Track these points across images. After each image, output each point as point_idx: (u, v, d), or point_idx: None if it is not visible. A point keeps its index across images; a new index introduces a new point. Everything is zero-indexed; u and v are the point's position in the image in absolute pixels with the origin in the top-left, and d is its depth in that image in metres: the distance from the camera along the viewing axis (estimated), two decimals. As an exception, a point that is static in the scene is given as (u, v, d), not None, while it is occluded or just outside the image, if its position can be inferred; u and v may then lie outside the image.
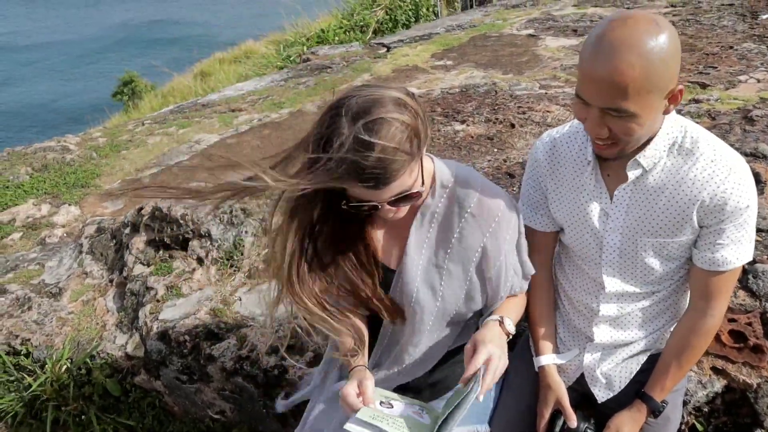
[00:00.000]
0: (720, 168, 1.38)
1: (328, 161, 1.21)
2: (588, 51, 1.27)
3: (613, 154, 1.40)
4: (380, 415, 1.41)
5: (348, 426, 1.35)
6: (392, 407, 1.49)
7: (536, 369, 1.71)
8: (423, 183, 1.40)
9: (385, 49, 7.34)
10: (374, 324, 1.68)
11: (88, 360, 2.90)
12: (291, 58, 9.27)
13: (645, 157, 1.42)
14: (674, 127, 1.42)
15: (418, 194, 1.38)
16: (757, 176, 2.72)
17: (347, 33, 10.15)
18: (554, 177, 1.61)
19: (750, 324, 1.99)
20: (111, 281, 3.29)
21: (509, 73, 5.47)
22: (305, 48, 9.43)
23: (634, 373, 1.65)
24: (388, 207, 1.35)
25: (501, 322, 1.51)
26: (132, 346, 2.86)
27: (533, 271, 1.64)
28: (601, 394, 1.66)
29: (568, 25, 6.90)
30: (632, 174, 1.45)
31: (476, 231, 1.50)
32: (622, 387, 1.66)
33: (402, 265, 1.53)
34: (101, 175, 4.61)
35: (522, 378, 1.74)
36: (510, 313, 1.58)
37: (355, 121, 1.22)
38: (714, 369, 1.93)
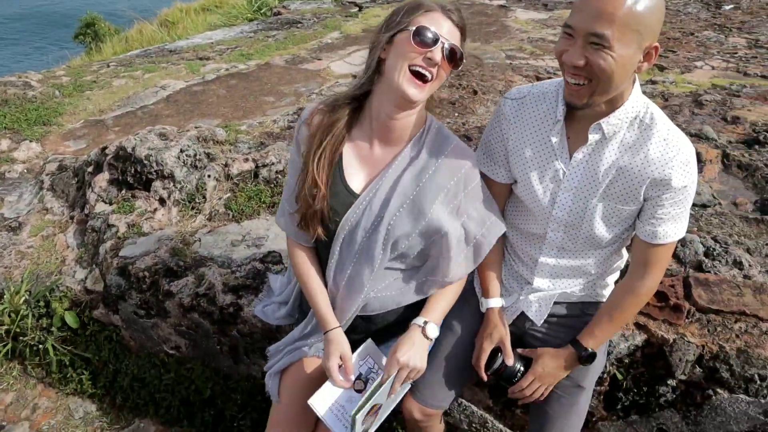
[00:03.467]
0: (671, 147, 1.53)
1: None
2: None
3: (584, 98, 1.48)
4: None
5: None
6: (364, 387, 1.73)
7: (483, 310, 1.85)
8: (461, 65, 1.62)
9: (357, 8, 7.33)
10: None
11: (47, 293, 2.95)
12: (262, 11, 9.14)
13: (608, 124, 1.53)
14: (638, 102, 1.55)
15: (461, 57, 1.58)
16: (698, 155, 2.90)
17: (320, -11, 10.03)
18: (518, 132, 1.70)
19: (673, 286, 2.18)
20: (72, 218, 3.32)
21: (477, 41, 5.56)
22: (277, 1, 9.31)
23: (567, 301, 1.83)
24: (439, 50, 1.53)
25: (423, 328, 1.71)
26: (91, 281, 2.92)
27: (486, 253, 1.79)
28: (536, 316, 1.83)
29: (539, -1, 7.00)
30: (592, 137, 1.56)
31: (446, 173, 1.68)
32: (551, 309, 1.83)
33: (374, 188, 1.68)
34: (64, 113, 4.57)
35: (461, 320, 1.88)
36: (437, 313, 1.76)
37: None
38: (636, 324, 2.11)
